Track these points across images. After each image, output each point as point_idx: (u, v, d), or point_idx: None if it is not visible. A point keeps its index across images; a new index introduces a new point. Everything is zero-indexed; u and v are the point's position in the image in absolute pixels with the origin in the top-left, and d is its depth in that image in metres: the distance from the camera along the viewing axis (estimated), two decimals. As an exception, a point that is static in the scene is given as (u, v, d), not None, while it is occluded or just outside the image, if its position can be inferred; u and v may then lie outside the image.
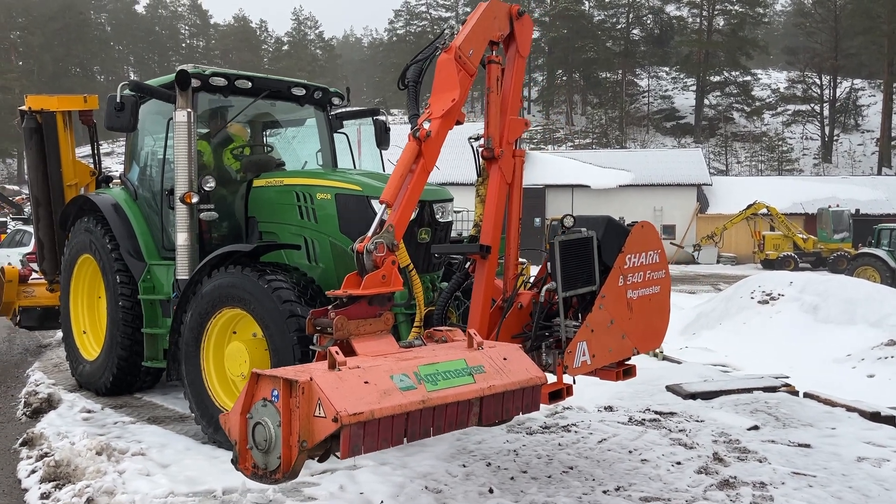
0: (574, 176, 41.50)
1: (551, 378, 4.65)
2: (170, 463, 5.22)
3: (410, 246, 5.72)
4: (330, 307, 3.89)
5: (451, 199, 6.16)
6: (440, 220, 5.97)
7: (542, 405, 4.77)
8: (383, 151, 8.09)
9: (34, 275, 10.06)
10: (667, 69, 77.03)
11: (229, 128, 7.49)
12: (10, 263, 12.16)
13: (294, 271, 5.73)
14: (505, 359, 3.91)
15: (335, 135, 7.94)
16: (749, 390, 7.08)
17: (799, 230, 34.62)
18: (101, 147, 9.37)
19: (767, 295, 14.56)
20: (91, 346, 7.70)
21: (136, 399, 7.23)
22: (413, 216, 5.68)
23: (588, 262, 4.82)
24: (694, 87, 72.30)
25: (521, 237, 5.23)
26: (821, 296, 13.68)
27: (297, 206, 6.18)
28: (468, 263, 5.15)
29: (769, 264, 32.61)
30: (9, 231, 25.59)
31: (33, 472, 5.06)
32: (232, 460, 3.39)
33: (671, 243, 39.26)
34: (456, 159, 24.88)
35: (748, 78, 71.38)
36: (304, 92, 7.24)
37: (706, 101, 71.54)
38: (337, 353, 3.43)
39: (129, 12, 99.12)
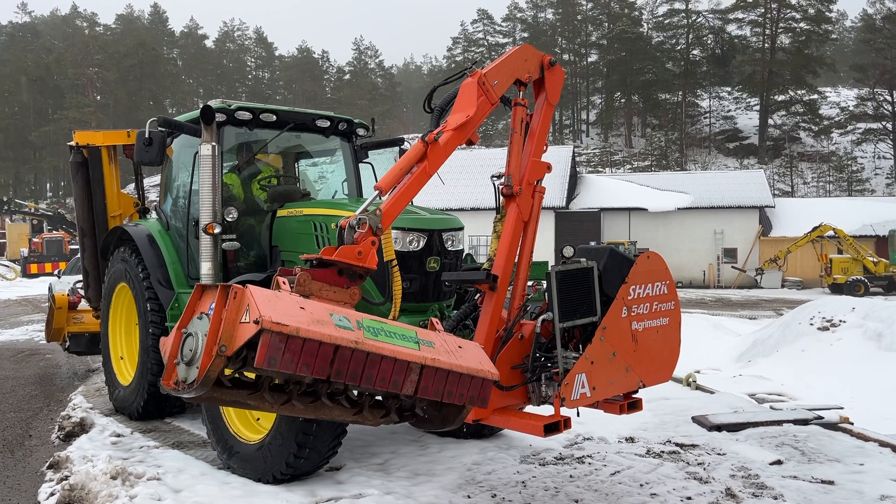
0: (631, 199, 41.00)
1: (549, 410, 4.61)
2: (182, 488, 5.34)
3: (420, 274, 5.82)
4: (298, 267, 3.87)
5: (460, 228, 6.18)
6: (450, 248, 5.99)
7: (550, 437, 4.73)
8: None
9: (83, 302, 10.48)
10: (729, 89, 75.60)
11: (264, 158, 7.74)
12: (67, 291, 12.72)
13: (306, 300, 5.82)
14: (460, 347, 3.80)
15: (362, 164, 8.10)
16: (778, 423, 6.82)
17: (869, 253, 33.24)
18: (143, 178, 9.73)
19: (828, 321, 13.99)
20: (127, 372, 7.98)
21: (165, 424, 7.44)
22: (422, 245, 5.79)
23: (588, 292, 4.76)
24: (757, 107, 70.67)
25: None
26: (885, 322, 13.07)
27: (314, 235, 6.31)
28: (477, 295, 5.17)
29: (837, 289, 31.42)
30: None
31: (52, 494, 5.25)
32: (161, 379, 3.37)
33: (732, 267, 38.29)
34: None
35: (815, 96, 69.39)
36: (328, 123, 7.42)
37: (770, 121, 69.79)
38: (283, 283, 3.43)
39: (199, 47, 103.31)
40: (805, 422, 6.89)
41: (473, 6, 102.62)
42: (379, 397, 3.87)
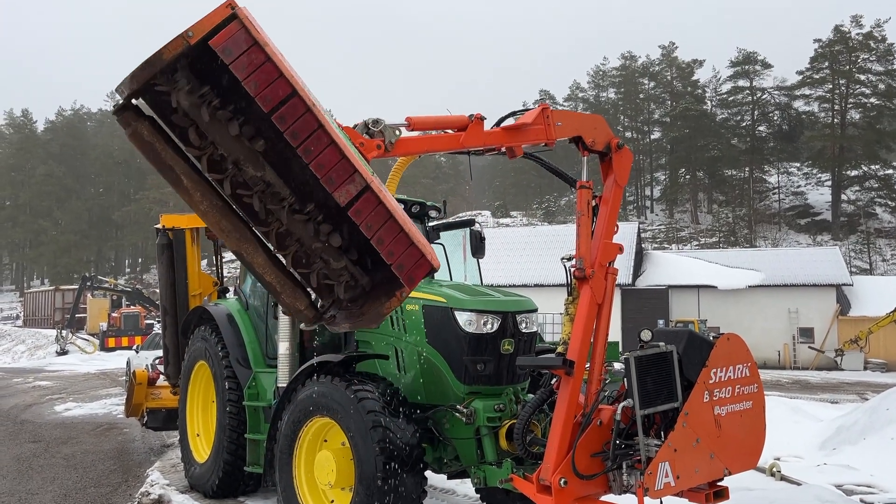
0: (700, 276, 40.10)
1: (631, 499, 4.49)
2: (257, 570, 5.34)
3: (494, 357, 5.81)
4: None
5: (534, 310, 6.18)
6: (524, 330, 5.99)
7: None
8: (480, 260, 8.29)
9: (160, 378, 10.78)
10: (798, 164, 74.23)
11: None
12: (147, 366, 13.13)
13: (381, 381, 5.88)
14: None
15: (434, 245, 8.24)
16: (874, 519, 6.41)
17: (957, 333, 31.53)
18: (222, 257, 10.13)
19: (919, 407, 13.25)
20: (203, 449, 8.11)
21: (238, 502, 7.48)
22: (496, 327, 5.79)
23: (668, 377, 4.69)
24: (829, 182, 69.05)
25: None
26: (981, 408, 12.30)
27: (389, 316, 6.40)
28: (553, 380, 5.14)
29: (925, 371, 29.78)
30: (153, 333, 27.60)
31: (132, 572, 5.33)
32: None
33: (809, 347, 36.74)
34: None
35: (890, 171, 67.47)
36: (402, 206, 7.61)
37: (843, 197, 67.98)
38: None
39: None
40: (903, 518, 6.46)
41: (536, 87, 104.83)
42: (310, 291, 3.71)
